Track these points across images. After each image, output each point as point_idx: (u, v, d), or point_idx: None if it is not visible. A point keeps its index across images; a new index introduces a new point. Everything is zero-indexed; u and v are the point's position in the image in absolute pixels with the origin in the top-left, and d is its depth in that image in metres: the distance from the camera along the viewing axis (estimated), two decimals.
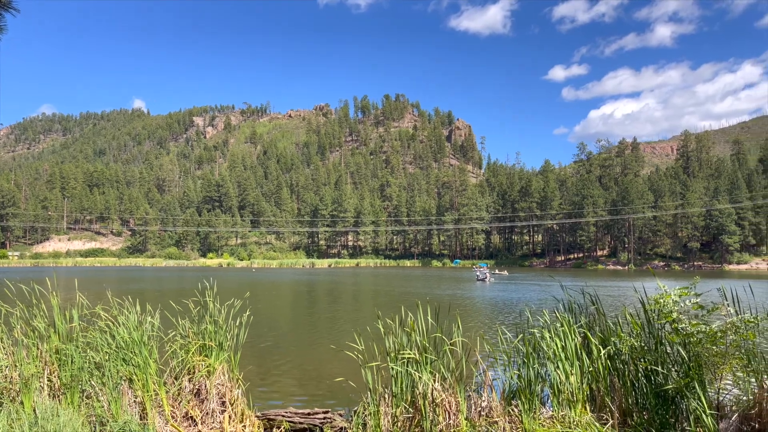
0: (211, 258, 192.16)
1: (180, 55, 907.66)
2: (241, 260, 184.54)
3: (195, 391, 9.49)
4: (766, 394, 7.36)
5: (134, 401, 8.84)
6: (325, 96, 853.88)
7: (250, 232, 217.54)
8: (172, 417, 8.98)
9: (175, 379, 9.57)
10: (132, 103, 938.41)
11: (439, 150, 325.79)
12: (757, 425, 7.30)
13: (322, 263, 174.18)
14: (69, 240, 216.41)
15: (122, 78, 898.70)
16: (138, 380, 8.90)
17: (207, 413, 9.22)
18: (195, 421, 9.11)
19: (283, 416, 9.64)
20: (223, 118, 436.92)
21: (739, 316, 7.98)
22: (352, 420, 9.07)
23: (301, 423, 9.50)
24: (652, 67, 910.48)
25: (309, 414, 9.65)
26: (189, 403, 9.26)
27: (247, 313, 10.66)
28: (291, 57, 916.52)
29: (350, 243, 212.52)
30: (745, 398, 7.74)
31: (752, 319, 7.79)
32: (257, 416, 9.71)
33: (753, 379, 7.62)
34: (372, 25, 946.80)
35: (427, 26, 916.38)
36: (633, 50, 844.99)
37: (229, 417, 9.26)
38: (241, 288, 56.52)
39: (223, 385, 9.55)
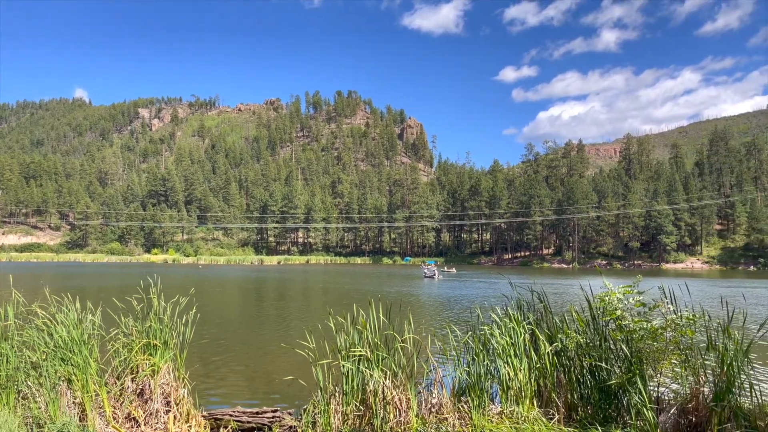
0: (156, 254, 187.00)
1: (125, 44, 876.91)
2: (188, 256, 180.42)
3: (138, 391, 9.19)
4: (702, 388, 7.67)
5: (73, 402, 8.50)
6: (276, 90, 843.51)
7: (196, 227, 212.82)
8: (114, 418, 8.67)
9: (117, 378, 9.26)
10: (73, 93, 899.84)
11: (391, 148, 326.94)
12: (693, 418, 7.60)
13: (272, 260, 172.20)
14: (3, 234, 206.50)
15: (63, 66, 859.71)
16: (77, 380, 8.56)
17: (151, 414, 8.95)
18: (138, 422, 8.82)
19: (231, 415, 9.46)
20: (170, 110, 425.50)
21: (678, 313, 8.30)
22: (301, 418, 8.98)
23: (249, 422, 9.33)
24: (598, 71, 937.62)
25: (257, 413, 9.50)
26: (132, 403, 8.96)
27: (194, 310, 10.40)
28: (241, 50, 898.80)
29: (300, 240, 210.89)
30: (682, 392, 8.05)
31: (690, 317, 8.11)
32: (204, 416, 9.49)
33: (690, 374, 7.93)
34: (325, 21, 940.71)
35: (381, 23, 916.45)
36: (580, 54, 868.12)
37: (174, 417, 9.02)
38: (187, 285, 55.22)
39: (168, 384, 9.29)
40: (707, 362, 7.97)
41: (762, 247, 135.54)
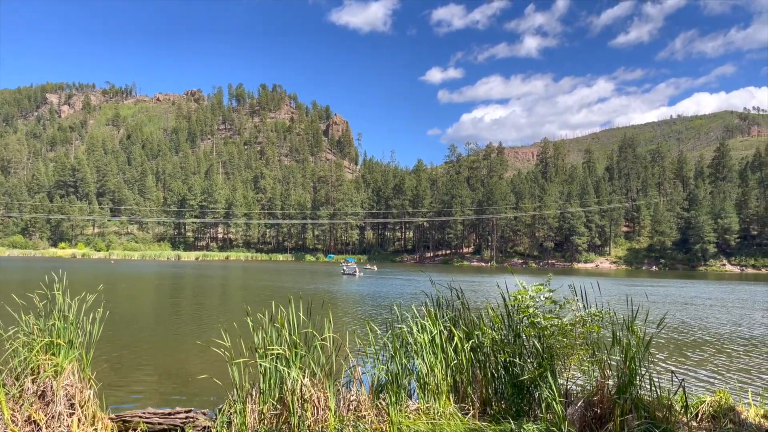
0: (64, 248, 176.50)
1: (34, 24, 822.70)
2: (99, 251, 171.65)
3: (39, 392, 8.62)
4: (607, 382, 8.07)
5: None
6: (198, 81, 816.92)
7: (109, 221, 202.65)
8: (12, 421, 8.09)
9: (16, 379, 8.64)
10: None
11: (316, 144, 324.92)
12: (598, 410, 7.99)
13: (189, 256, 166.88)
14: None
15: None
16: None
17: (53, 416, 8.41)
18: (39, 425, 8.27)
19: (140, 417, 9.05)
20: (82, 97, 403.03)
21: (587, 310, 8.71)
22: (216, 419, 8.73)
23: (160, 423, 8.96)
24: (520, 76, 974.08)
25: (169, 414, 9.14)
26: (32, 405, 8.39)
27: (102, 307, 9.88)
28: (161, 38, 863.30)
29: (220, 235, 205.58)
30: (589, 386, 8.45)
31: (597, 313, 8.53)
32: (111, 418, 9.02)
33: (596, 369, 8.33)
34: (250, 12, 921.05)
35: (308, 18, 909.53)
36: (504, 59, 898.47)
37: (79, 420, 8.52)
38: (96, 281, 52.50)
39: (72, 385, 8.76)
40: (612, 357, 8.40)
41: (663, 248, 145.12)
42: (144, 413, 9.17)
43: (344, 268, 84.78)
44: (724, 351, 20.66)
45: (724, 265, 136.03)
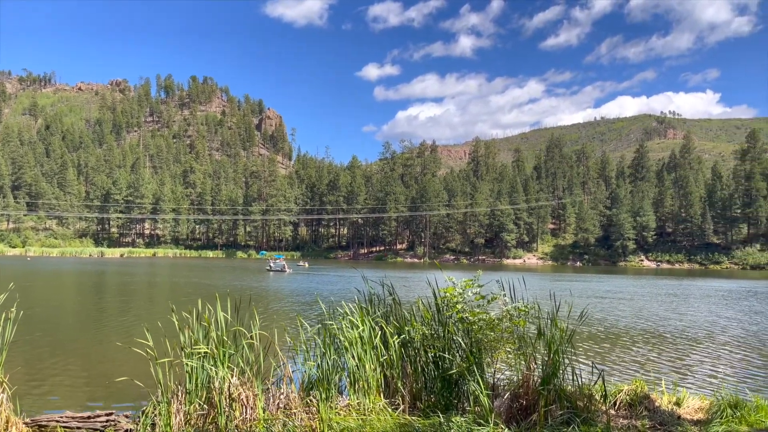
0: None
1: None
2: (14, 247, 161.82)
3: None
4: (532, 374, 8.34)
5: None
6: (123, 71, 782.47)
7: (25, 215, 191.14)
8: None
9: None
10: None
11: (249, 138, 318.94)
12: (524, 402, 8.24)
13: (114, 252, 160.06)
14: None
15: None
16: None
17: None
18: None
19: (58, 421, 8.62)
20: None
21: (513, 305, 8.96)
22: (139, 421, 8.42)
23: (79, 428, 8.58)
24: (455, 75, 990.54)
25: (89, 417, 8.76)
26: None
27: (14, 307, 9.31)
28: (83, 23, 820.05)
29: (147, 231, 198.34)
30: (515, 378, 8.70)
31: (523, 308, 8.79)
32: (26, 423, 8.54)
33: (522, 361, 8.59)
34: (180, 1, 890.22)
35: (241, 8, 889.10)
36: (439, 57, 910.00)
37: None
38: (10, 279, 49.46)
39: None
40: (537, 350, 8.67)
41: (587, 245, 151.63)
42: (62, 417, 8.77)
43: (271, 264, 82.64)
44: (633, 341, 21.80)
45: (642, 260, 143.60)
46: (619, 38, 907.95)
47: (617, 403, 9.43)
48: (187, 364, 8.44)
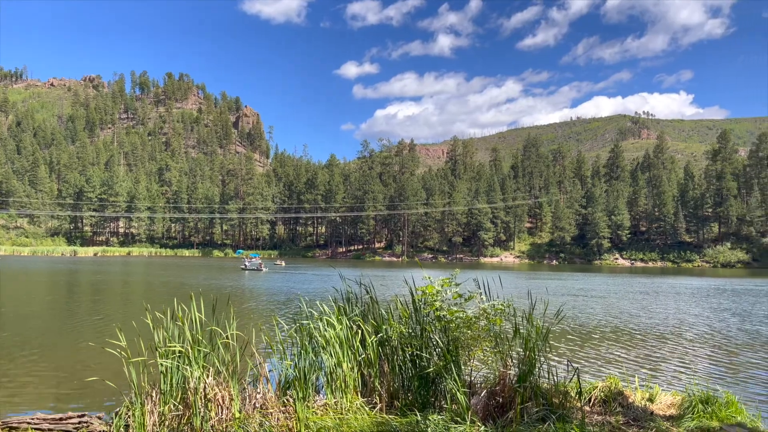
0: None
1: None
2: None
3: None
4: (509, 371, 8.40)
5: None
6: (97, 67, 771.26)
7: None
8: None
9: None
10: None
11: (225, 136, 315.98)
12: (501, 399, 8.30)
13: (87, 251, 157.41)
14: None
15: None
16: None
17: None
18: None
19: (29, 423, 8.49)
20: None
21: (490, 303, 9.01)
22: (112, 422, 8.29)
23: (51, 429, 8.46)
24: (433, 74, 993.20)
25: (61, 419, 8.64)
26: None
27: None
28: (56, 18, 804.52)
29: (121, 230, 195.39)
30: (492, 376, 8.75)
31: (500, 306, 8.85)
32: None
33: (499, 359, 8.65)
34: None
35: (218, 5, 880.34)
36: (418, 56, 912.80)
37: None
38: None
39: None
40: (514, 348, 8.74)
41: (563, 243, 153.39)
42: (33, 419, 8.65)
43: (246, 263, 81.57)
44: (606, 338, 22.12)
45: (617, 259, 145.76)
46: (595, 39, 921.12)
47: (592, 400, 9.55)
48: (161, 365, 8.34)
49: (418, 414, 7.97)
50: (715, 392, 9.81)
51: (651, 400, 9.86)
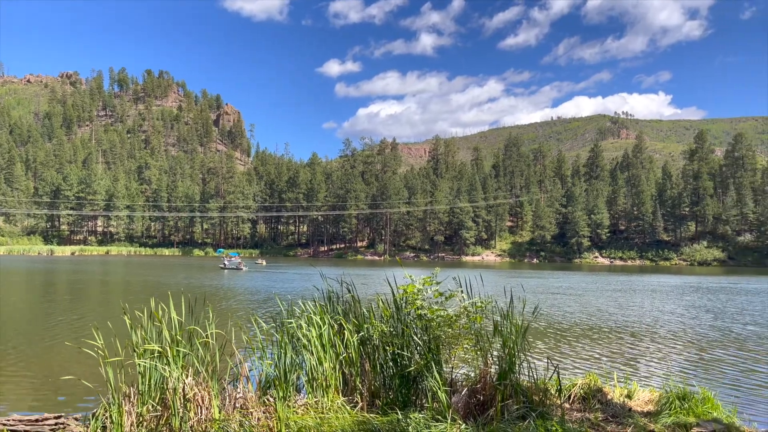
0: None
1: None
2: None
3: None
4: (489, 369, 8.43)
5: None
6: (74, 63, 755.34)
7: None
8: None
9: None
10: None
11: (206, 134, 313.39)
12: (481, 397, 8.33)
13: (64, 250, 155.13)
14: None
15: None
16: None
17: None
18: None
19: (4, 425, 8.33)
20: None
21: (470, 301, 9.04)
22: (89, 424, 8.17)
23: (27, 431, 8.28)
24: (416, 73, 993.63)
25: (36, 420, 8.48)
26: None
27: None
28: (32, 13, 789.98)
29: (100, 229, 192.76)
30: (472, 374, 8.78)
31: (480, 304, 8.88)
32: None
33: (480, 357, 8.68)
34: None
35: (198, 1, 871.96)
36: (400, 55, 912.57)
37: None
38: None
39: None
40: (494, 346, 8.78)
41: (543, 242, 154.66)
42: (8, 421, 8.48)
43: (225, 262, 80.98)
44: (585, 335, 22.37)
45: (597, 257, 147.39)
46: (576, 39, 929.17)
47: (572, 397, 9.64)
48: (139, 365, 8.23)
49: (399, 413, 7.97)
50: (692, 389, 9.96)
51: (629, 396, 9.98)
